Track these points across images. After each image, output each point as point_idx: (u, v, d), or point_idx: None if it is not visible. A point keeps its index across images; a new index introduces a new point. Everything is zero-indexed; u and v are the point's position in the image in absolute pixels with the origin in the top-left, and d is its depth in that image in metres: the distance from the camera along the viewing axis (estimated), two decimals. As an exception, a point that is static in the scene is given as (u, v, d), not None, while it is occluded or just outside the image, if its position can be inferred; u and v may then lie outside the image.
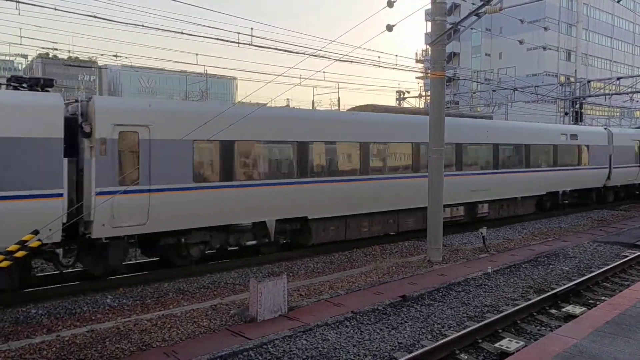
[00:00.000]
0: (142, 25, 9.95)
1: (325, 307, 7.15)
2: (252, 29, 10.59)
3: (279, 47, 10.75)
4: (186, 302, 7.93)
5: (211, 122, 8.40)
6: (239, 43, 10.67)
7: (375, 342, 6.04)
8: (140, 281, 8.99)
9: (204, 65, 48.61)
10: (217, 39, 10.43)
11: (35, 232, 6.56)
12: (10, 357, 5.45)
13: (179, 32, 10.20)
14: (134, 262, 10.10)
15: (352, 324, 6.60)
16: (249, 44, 10.88)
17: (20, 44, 37.48)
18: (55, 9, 9.34)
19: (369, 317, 6.85)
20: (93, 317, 7.26)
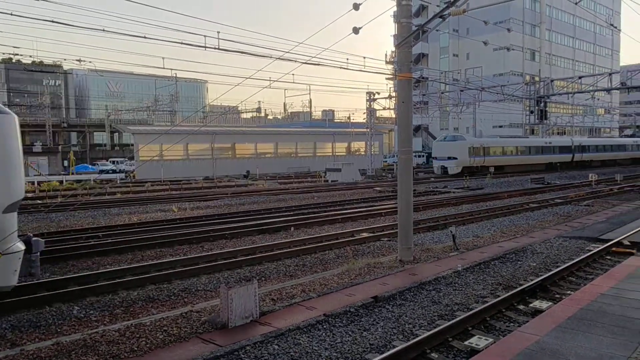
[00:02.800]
0: (104, 30, 9.74)
1: (298, 310, 7.13)
2: (218, 32, 10.50)
3: (245, 50, 10.68)
4: (156, 311, 7.80)
5: None
6: (205, 47, 10.58)
7: (347, 345, 6.06)
8: (109, 290, 8.81)
9: (171, 69, 47.81)
10: (182, 43, 10.31)
11: None
12: (-30, 375, 5.26)
13: (142, 37, 10.03)
14: (102, 270, 9.89)
15: (324, 327, 6.61)
16: (216, 48, 10.80)
17: (-20, 49, 36.25)
18: (11, 14, 9.05)
19: (341, 320, 6.87)
20: (59, 330, 7.07)
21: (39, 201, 24.03)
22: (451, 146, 41.38)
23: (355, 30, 9.99)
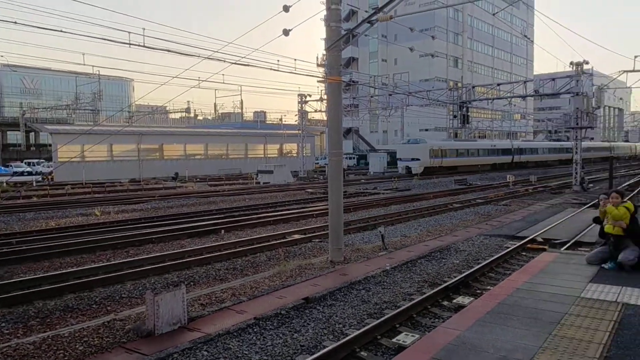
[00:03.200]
0: (15, 22, 9.08)
1: (228, 315, 7.01)
2: (144, 29, 10.09)
3: (172, 49, 10.37)
4: (75, 321, 7.37)
5: None
6: (130, 44, 10.16)
7: (278, 347, 6.04)
8: (23, 300, 8.22)
9: (93, 66, 45.53)
10: (104, 38, 9.82)
11: None
12: None
13: (58, 31, 9.45)
14: (15, 280, 9.22)
15: (255, 330, 6.55)
16: (141, 45, 10.39)
17: None
18: None
19: (272, 322, 6.83)
20: (-36, 346, 6.50)
21: (-59, 206, 21.99)
22: (415, 148, 45.36)
23: (286, 32, 10.00)
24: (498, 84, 37.45)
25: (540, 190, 28.74)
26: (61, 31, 9.33)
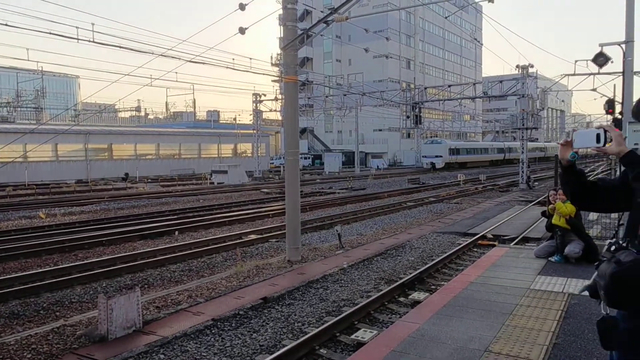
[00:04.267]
0: (-46, 13, 8.55)
1: (184, 317, 6.87)
2: (93, 24, 9.69)
3: (124, 45, 10.05)
4: (22, 328, 7.01)
5: None
6: (77, 39, 9.76)
7: (237, 348, 5.97)
8: (-38, 309, 7.76)
9: (37, 62, 43.47)
10: (51, 33, 9.39)
11: None
12: None
13: (2, 24, 8.95)
14: (-48, 287, 8.68)
15: (213, 331, 6.45)
16: (90, 41, 10.02)
17: None
18: None
19: (230, 323, 6.75)
20: None
21: None
22: (437, 147, 55.43)
23: (242, 31, 9.91)
24: (449, 86, 38.53)
25: (489, 189, 29.75)
26: (6, 24, 8.83)
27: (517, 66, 30.62)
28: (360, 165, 55.80)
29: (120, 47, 10.01)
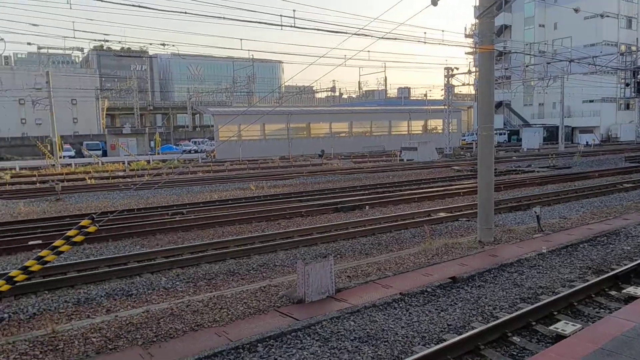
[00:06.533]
0: (185, 13, 10.07)
1: (373, 288, 7.12)
2: (294, 10, 10.44)
3: (321, 28, 10.60)
4: (236, 284, 8.11)
5: None
6: (281, 26, 10.63)
7: (424, 324, 5.97)
8: (193, 263, 9.28)
9: (249, 50, 48.77)
10: (260, 22, 10.41)
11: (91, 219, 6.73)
12: (74, 336, 5.75)
13: (220, 17, 10.22)
14: (186, 245, 10.43)
15: (400, 305, 6.55)
16: (292, 26, 10.81)
17: (74, 37, 39.08)
18: (102, 0, 9.58)
19: (418, 299, 6.77)
20: (148, 299, 7.56)
21: (129, 179, 25.74)
22: None
23: (434, 2, 9.59)
24: (686, 44, 31.90)
25: None
26: (223, 18, 10.10)
27: None
28: (566, 141, 50.28)
29: (318, 30, 10.64)
